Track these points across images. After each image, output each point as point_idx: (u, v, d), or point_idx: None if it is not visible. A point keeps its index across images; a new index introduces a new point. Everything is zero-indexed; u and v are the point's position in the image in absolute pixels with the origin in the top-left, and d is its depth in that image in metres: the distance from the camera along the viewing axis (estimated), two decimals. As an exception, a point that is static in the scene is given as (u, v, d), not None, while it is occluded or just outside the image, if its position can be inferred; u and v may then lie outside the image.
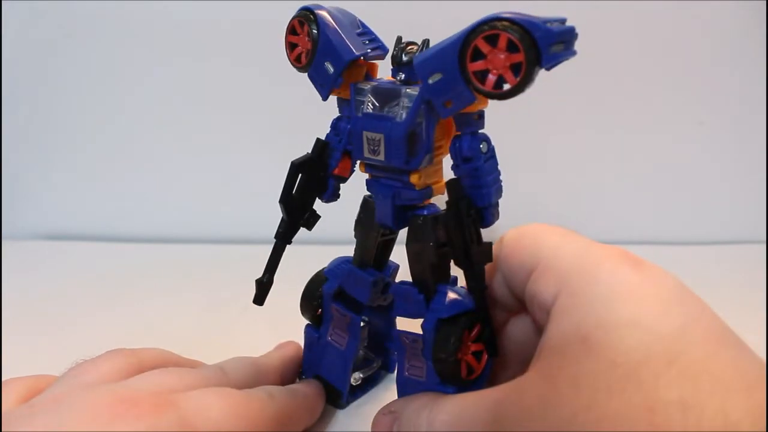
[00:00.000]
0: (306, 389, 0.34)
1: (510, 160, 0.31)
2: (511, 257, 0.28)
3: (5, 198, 0.66)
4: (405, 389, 0.32)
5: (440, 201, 0.30)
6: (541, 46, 0.23)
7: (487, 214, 0.28)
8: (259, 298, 0.33)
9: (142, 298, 0.51)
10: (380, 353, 0.38)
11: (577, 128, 0.60)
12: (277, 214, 0.31)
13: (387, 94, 0.29)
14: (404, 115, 0.28)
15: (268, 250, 0.31)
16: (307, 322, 0.36)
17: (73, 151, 0.65)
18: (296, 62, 0.31)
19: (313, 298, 0.35)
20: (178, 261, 0.60)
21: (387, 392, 0.37)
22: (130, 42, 0.61)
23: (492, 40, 0.24)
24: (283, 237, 0.32)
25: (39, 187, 0.67)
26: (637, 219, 0.61)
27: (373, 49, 0.30)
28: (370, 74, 0.31)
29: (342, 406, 0.36)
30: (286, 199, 0.31)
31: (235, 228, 0.64)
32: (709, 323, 0.21)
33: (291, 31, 0.31)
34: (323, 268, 0.36)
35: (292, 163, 0.31)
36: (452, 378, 0.29)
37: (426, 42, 0.29)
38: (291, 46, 0.31)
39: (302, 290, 0.35)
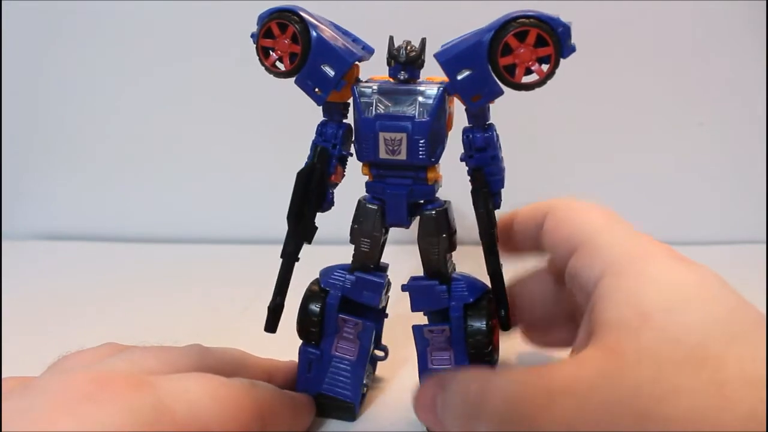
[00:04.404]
0: (293, 393, 0.33)
1: (509, 161, 0.31)
2: (556, 230, 0.30)
3: (5, 198, 0.66)
4: None
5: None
6: (563, 40, 0.26)
7: (498, 199, 0.30)
8: (272, 326, 0.31)
9: (142, 298, 0.51)
10: None
11: (576, 129, 0.60)
12: (276, 214, 0.31)
13: (400, 94, 0.29)
14: (425, 113, 0.28)
15: (267, 250, 0.31)
16: (301, 342, 0.34)
17: (73, 151, 0.65)
18: (273, 68, 0.29)
19: (315, 315, 0.33)
20: (178, 261, 0.60)
21: (389, 392, 0.37)
22: (130, 42, 0.61)
23: (521, 36, 0.26)
24: (293, 255, 0.31)
25: (39, 187, 0.67)
26: (636, 219, 0.61)
27: (362, 49, 0.30)
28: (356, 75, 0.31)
29: (354, 418, 0.34)
30: (297, 213, 0.30)
31: (235, 228, 0.64)
32: (754, 309, 0.23)
33: (265, 34, 0.29)
34: (312, 284, 0.34)
35: (299, 173, 0.30)
36: (485, 357, 0.30)
37: (424, 41, 0.29)
38: (265, 51, 0.29)
39: (298, 313, 0.33)
